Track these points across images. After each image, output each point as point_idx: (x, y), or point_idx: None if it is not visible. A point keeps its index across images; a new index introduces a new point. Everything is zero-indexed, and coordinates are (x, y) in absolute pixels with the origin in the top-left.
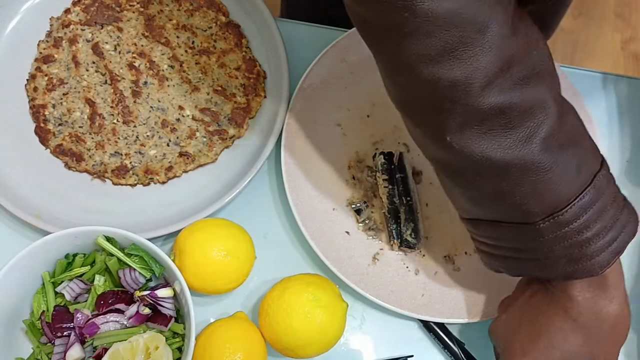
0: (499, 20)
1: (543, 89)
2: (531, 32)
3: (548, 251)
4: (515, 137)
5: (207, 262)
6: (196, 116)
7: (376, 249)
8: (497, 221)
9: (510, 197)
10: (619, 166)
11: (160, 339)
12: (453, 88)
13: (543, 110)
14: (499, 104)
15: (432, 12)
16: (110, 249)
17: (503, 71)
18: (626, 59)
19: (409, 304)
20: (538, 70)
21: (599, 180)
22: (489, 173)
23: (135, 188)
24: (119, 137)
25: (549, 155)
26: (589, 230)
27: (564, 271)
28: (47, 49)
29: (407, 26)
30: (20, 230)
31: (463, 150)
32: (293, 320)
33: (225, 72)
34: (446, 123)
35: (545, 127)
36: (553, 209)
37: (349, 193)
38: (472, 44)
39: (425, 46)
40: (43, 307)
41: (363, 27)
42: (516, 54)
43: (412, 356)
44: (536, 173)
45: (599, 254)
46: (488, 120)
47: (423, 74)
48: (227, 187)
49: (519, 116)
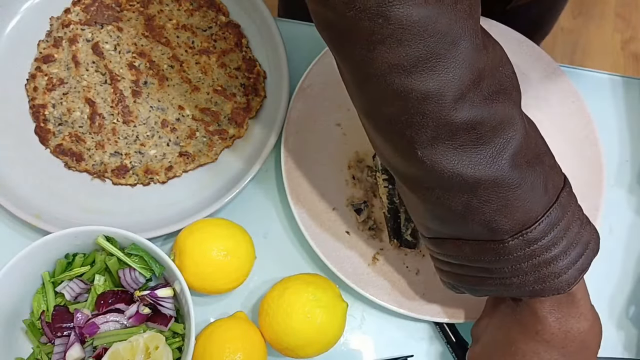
0: (471, 32)
1: (511, 104)
2: (497, 48)
3: (516, 269)
4: (485, 153)
5: (207, 262)
6: (196, 116)
7: (376, 249)
8: (463, 239)
9: (479, 213)
10: (619, 166)
11: (160, 338)
12: (425, 100)
13: (512, 126)
14: (470, 118)
15: (407, 19)
16: (110, 248)
17: (474, 84)
18: (626, 59)
19: (409, 304)
20: (506, 86)
21: (564, 197)
22: (459, 189)
23: (135, 188)
24: (119, 136)
25: (518, 172)
26: (556, 247)
27: (532, 289)
28: (47, 48)
29: (380, 33)
30: (20, 230)
31: (434, 166)
32: (293, 320)
33: (225, 72)
34: (417, 137)
35: (514, 143)
36: (521, 226)
37: (349, 193)
38: (446, 55)
39: (398, 55)
40: (43, 307)
41: (329, 32)
42: (486, 68)
43: (412, 356)
44: (506, 190)
45: (566, 271)
46: (459, 135)
47: (395, 85)
48: (227, 187)
49: (489, 132)
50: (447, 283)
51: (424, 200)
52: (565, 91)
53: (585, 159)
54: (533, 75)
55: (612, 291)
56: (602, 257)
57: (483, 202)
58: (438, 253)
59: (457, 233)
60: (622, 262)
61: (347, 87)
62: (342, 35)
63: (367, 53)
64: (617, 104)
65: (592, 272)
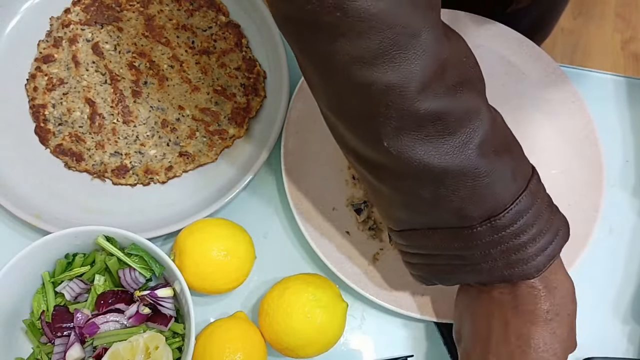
0: (432, 24)
1: (476, 94)
2: (460, 40)
3: (485, 255)
4: (452, 143)
5: (207, 262)
6: (196, 116)
7: (376, 249)
8: (432, 228)
9: (448, 202)
10: (619, 166)
11: (160, 338)
12: (388, 92)
13: (477, 116)
14: (434, 109)
15: (365, 12)
16: (110, 248)
17: (437, 75)
18: (626, 59)
19: (409, 304)
20: (470, 76)
21: (533, 185)
22: (427, 178)
23: (135, 188)
24: (119, 136)
25: (485, 161)
26: (525, 234)
27: (501, 275)
28: (47, 48)
29: (340, 26)
30: (20, 230)
31: (401, 156)
32: (293, 320)
33: (225, 72)
34: (382, 128)
35: (481, 132)
36: (490, 213)
37: (349, 193)
38: (406, 46)
39: (358, 48)
40: (43, 307)
41: (289, 27)
42: (449, 59)
43: (412, 356)
44: (473, 178)
45: (534, 257)
46: (425, 126)
47: (357, 78)
48: (227, 187)
49: (455, 122)
50: (417, 276)
51: (394, 190)
52: (565, 91)
53: (585, 159)
54: (533, 75)
55: (615, 290)
56: (603, 257)
57: (452, 191)
58: (408, 246)
59: (427, 221)
60: (622, 262)
61: (309, 82)
62: (303, 30)
63: (328, 46)
64: (617, 104)
65: (593, 272)
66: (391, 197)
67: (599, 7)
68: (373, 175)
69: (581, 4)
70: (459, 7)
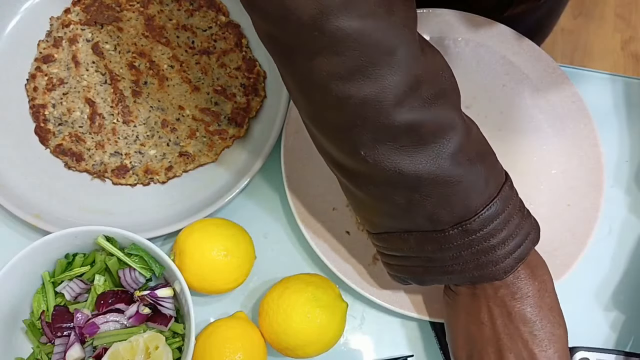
0: (407, 41)
1: (450, 107)
2: (436, 54)
3: (456, 257)
4: (426, 153)
5: (207, 262)
6: (196, 116)
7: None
8: (407, 231)
9: (422, 207)
10: (619, 166)
11: (160, 338)
12: (364, 106)
13: (451, 127)
14: (409, 121)
15: (342, 32)
16: (110, 248)
17: (412, 90)
18: (626, 59)
19: (409, 304)
20: (445, 88)
21: (505, 191)
22: (401, 185)
23: (135, 188)
24: (119, 136)
25: (458, 170)
26: (494, 237)
27: (472, 276)
28: (47, 48)
29: (317, 45)
30: (20, 230)
31: (377, 164)
32: (293, 320)
33: (225, 72)
34: (359, 139)
35: (454, 143)
36: (461, 218)
37: None
38: (381, 63)
39: (335, 65)
40: (43, 307)
41: (271, 44)
42: (424, 74)
43: (412, 356)
44: (446, 186)
45: (503, 260)
46: (400, 137)
47: (334, 92)
48: (227, 187)
49: (429, 133)
50: (394, 276)
51: (370, 196)
52: (565, 91)
53: (585, 159)
54: (533, 75)
55: (613, 290)
56: (602, 257)
57: (425, 197)
58: (385, 247)
59: (402, 225)
60: (622, 262)
61: (290, 93)
62: (284, 47)
63: (307, 63)
64: (617, 104)
65: (593, 273)
66: (368, 203)
67: (599, 7)
68: (350, 182)
69: (581, 4)
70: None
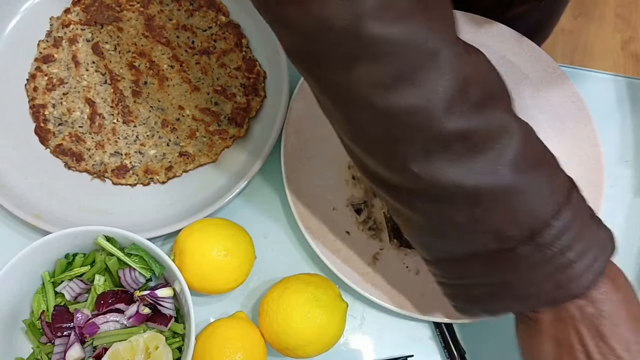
0: (450, 40)
1: (502, 109)
2: (479, 54)
3: (531, 278)
4: (483, 161)
5: (207, 262)
6: (196, 116)
7: (376, 249)
8: (471, 255)
9: (485, 223)
10: (619, 166)
11: (160, 338)
12: (413, 115)
13: (507, 131)
14: (461, 127)
15: (379, 37)
16: (110, 248)
17: (461, 93)
18: (626, 59)
19: (409, 304)
20: (494, 91)
21: (574, 197)
22: (460, 200)
23: (135, 188)
24: (119, 136)
25: (520, 177)
26: (571, 250)
27: (550, 298)
28: (47, 48)
29: (355, 54)
30: (20, 230)
31: (431, 179)
32: (293, 320)
33: (225, 72)
34: (408, 152)
35: (513, 148)
36: (532, 231)
37: (349, 193)
38: (427, 67)
39: (377, 74)
40: (43, 307)
41: (301, 59)
42: (471, 75)
43: (412, 356)
44: (510, 196)
45: (583, 274)
46: (453, 146)
47: (378, 104)
48: (227, 187)
49: (484, 139)
50: (459, 308)
51: (425, 217)
52: (565, 91)
53: (585, 159)
54: (533, 75)
55: None
56: None
57: (488, 211)
58: (446, 276)
59: (465, 248)
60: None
61: (324, 110)
62: (316, 61)
63: (345, 75)
64: (617, 103)
65: None
66: (423, 225)
67: (599, 7)
68: (401, 202)
69: (581, 4)
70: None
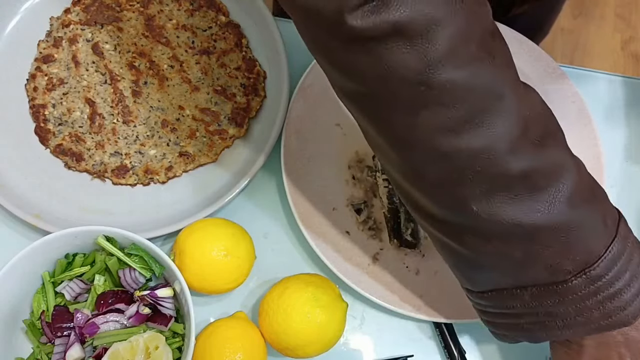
0: (512, 82)
1: (559, 146)
2: (532, 90)
3: (581, 308)
4: (543, 199)
5: (207, 262)
6: (196, 116)
7: (376, 249)
8: (521, 287)
9: (540, 259)
10: (619, 166)
11: (160, 338)
12: (476, 157)
13: (564, 168)
14: (524, 168)
15: (450, 83)
16: (110, 248)
17: (523, 134)
18: (626, 59)
19: (409, 304)
20: (551, 128)
21: (622, 229)
22: (517, 238)
23: (135, 188)
24: (119, 136)
25: (577, 213)
26: (619, 281)
27: (598, 326)
28: (47, 48)
29: (423, 99)
30: (20, 230)
31: (492, 218)
32: (293, 320)
33: (225, 72)
34: (471, 193)
35: (570, 184)
36: (585, 264)
37: (349, 193)
38: (491, 110)
39: (443, 118)
40: (43, 307)
41: (359, 102)
42: (530, 115)
43: (412, 356)
44: (566, 232)
45: (631, 303)
46: (514, 186)
47: (442, 147)
48: (227, 187)
49: (544, 178)
50: (501, 335)
51: (478, 253)
52: (565, 91)
53: (585, 159)
54: (533, 75)
55: None
56: None
57: (544, 247)
58: (491, 306)
59: (515, 281)
60: None
61: (377, 149)
62: (378, 105)
63: (409, 119)
64: (617, 104)
65: None
66: (474, 260)
67: (599, 7)
68: (454, 240)
69: (581, 4)
70: None
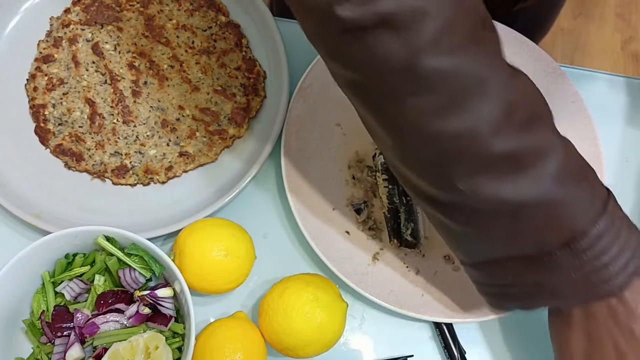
0: (498, 68)
1: (546, 127)
2: (523, 75)
3: (567, 279)
4: (527, 177)
5: (207, 262)
6: (196, 116)
7: (376, 249)
8: (509, 258)
9: (526, 232)
10: (619, 166)
11: (160, 338)
12: (460, 139)
13: (550, 148)
14: (507, 149)
15: (434, 70)
16: (110, 248)
17: (507, 116)
18: (626, 59)
19: (409, 304)
20: (538, 111)
21: (611, 206)
22: (503, 213)
23: (135, 188)
24: (118, 136)
25: (563, 190)
26: (605, 255)
27: (585, 296)
28: (47, 48)
29: (410, 86)
30: (20, 230)
31: (475, 195)
32: (293, 320)
33: (225, 72)
34: (455, 172)
35: (556, 163)
36: (570, 238)
37: (349, 193)
38: (475, 95)
39: (429, 103)
40: (43, 307)
41: (355, 91)
42: (517, 98)
43: (412, 356)
44: (552, 207)
45: (617, 276)
46: (498, 166)
47: (429, 129)
48: (227, 187)
49: (529, 158)
50: (494, 304)
51: (469, 227)
52: (565, 91)
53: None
54: (533, 75)
55: None
56: None
57: (529, 222)
58: (483, 277)
59: (504, 252)
60: None
61: (373, 134)
62: (369, 92)
63: (399, 105)
64: (617, 104)
65: None
66: (463, 233)
67: (599, 7)
68: (445, 215)
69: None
70: None
